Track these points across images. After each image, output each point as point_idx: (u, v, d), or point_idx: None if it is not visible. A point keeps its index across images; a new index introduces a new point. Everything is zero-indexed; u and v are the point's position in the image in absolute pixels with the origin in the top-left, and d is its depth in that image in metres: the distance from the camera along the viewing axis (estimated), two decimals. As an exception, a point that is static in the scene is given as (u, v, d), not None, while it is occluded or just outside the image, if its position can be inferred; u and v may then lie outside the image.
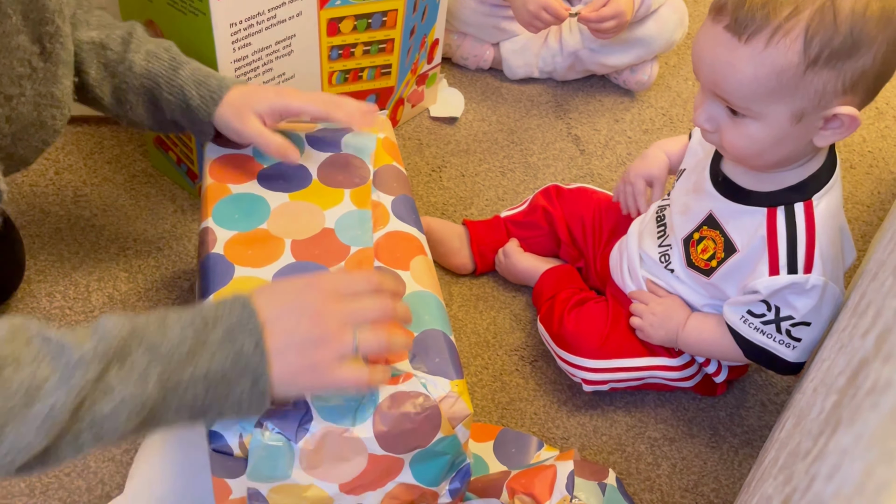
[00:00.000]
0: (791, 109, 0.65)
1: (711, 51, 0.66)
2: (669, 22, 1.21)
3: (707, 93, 0.69)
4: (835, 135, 0.67)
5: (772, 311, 0.74)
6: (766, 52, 0.63)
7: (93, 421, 0.50)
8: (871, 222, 1.13)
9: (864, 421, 0.22)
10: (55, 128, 0.73)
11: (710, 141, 0.73)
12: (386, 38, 1.03)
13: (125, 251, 0.97)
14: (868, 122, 1.29)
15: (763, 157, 0.70)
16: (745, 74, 0.64)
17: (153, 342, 0.52)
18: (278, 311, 0.55)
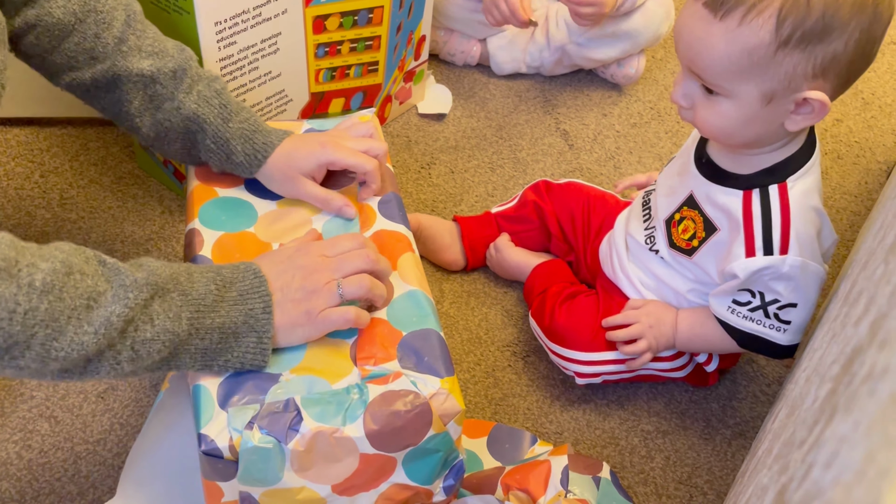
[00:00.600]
0: (761, 90, 0.66)
1: (688, 26, 0.67)
2: (656, 15, 1.21)
3: (684, 69, 0.71)
4: (805, 120, 0.68)
5: (757, 298, 0.75)
6: (739, 30, 0.64)
7: (133, 343, 0.56)
8: (858, 212, 1.14)
9: (862, 408, 0.22)
10: None
11: (685, 117, 0.74)
12: (372, 34, 1.03)
13: (113, 253, 0.96)
14: (854, 112, 1.30)
15: (734, 137, 0.71)
16: (718, 51, 0.65)
17: (185, 289, 0.59)
18: (276, 270, 0.63)
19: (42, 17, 0.69)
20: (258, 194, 0.76)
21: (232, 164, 0.74)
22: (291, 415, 0.60)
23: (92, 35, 0.71)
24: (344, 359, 0.65)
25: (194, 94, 0.73)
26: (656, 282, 0.86)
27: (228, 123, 0.73)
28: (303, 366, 0.64)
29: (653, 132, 1.22)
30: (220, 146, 0.73)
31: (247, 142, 0.74)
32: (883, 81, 1.36)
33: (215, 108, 0.74)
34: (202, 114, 0.73)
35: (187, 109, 0.73)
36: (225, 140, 0.73)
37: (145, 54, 0.73)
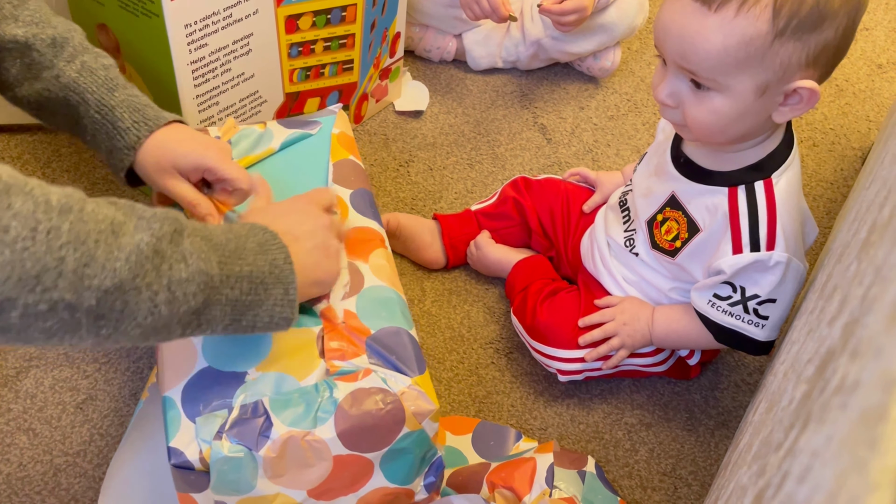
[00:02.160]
0: (756, 81, 0.66)
1: (679, 21, 0.66)
2: (630, 7, 1.21)
3: (671, 66, 0.69)
4: (793, 111, 0.68)
5: (737, 292, 0.75)
6: (736, 21, 0.63)
7: (170, 282, 0.51)
8: (835, 199, 1.15)
9: (834, 421, 0.22)
10: None
11: (671, 118, 0.73)
12: (346, 33, 1.02)
13: (88, 261, 0.95)
14: (828, 99, 1.31)
15: (725, 133, 0.70)
16: (714, 44, 0.64)
17: (205, 234, 0.55)
18: (279, 218, 0.63)
19: None
20: None
21: (118, 134, 0.69)
22: (261, 420, 0.60)
23: None
24: (311, 351, 0.64)
25: (77, 64, 0.70)
26: (638, 278, 0.86)
27: (114, 93, 0.70)
28: (269, 361, 0.63)
29: (630, 124, 1.22)
30: (105, 115, 0.69)
31: (135, 111, 0.70)
32: (856, 68, 1.37)
33: (100, 79, 0.70)
34: (84, 83, 0.69)
35: (67, 78, 0.69)
36: (110, 108, 0.69)
37: (22, 23, 0.69)
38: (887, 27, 1.46)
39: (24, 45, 0.69)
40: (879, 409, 0.18)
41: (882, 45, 1.42)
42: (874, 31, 1.45)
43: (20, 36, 0.69)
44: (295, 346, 0.64)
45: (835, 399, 0.24)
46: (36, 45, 0.69)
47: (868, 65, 1.38)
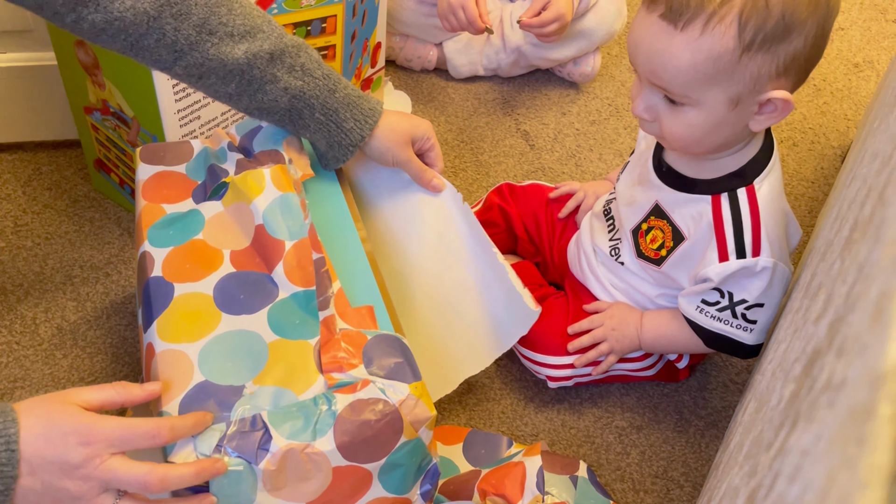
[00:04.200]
0: (728, 94, 0.66)
1: (648, 40, 0.66)
2: (609, 13, 1.22)
3: (644, 82, 0.70)
4: (769, 119, 0.68)
5: (725, 298, 0.75)
6: (703, 39, 0.63)
7: None
8: (816, 197, 1.16)
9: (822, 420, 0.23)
10: None
11: (650, 131, 0.73)
12: (327, 44, 1.02)
13: (72, 279, 0.94)
14: (807, 99, 1.32)
15: (702, 144, 0.71)
16: (683, 61, 0.65)
17: None
18: (42, 451, 0.53)
19: (110, 21, 0.65)
20: (204, 199, 0.75)
21: (342, 133, 0.75)
22: (260, 433, 0.59)
23: (171, 30, 0.66)
24: (308, 365, 0.64)
25: (298, 71, 0.72)
26: (626, 285, 0.86)
27: (335, 94, 0.74)
28: (266, 373, 0.63)
29: (612, 128, 1.23)
30: (329, 116, 0.74)
31: (354, 108, 0.75)
32: (833, 68, 1.39)
33: (320, 81, 0.73)
34: (308, 90, 0.73)
35: (294, 89, 0.72)
36: (334, 110, 0.74)
37: (237, 37, 0.69)
38: (862, 27, 1.48)
39: (247, 64, 0.70)
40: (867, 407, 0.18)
41: (858, 44, 1.44)
42: (849, 30, 1.47)
43: (241, 59, 0.69)
44: (292, 360, 0.64)
45: (823, 397, 0.24)
46: (256, 64, 0.70)
47: (845, 64, 1.40)
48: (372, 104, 0.77)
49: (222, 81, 0.70)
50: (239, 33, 0.69)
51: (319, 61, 0.75)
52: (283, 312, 0.68)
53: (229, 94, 0.72)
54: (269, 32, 0.71)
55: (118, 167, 0.98)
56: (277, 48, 0.71)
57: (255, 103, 0.73)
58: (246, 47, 0.69)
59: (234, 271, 0.70)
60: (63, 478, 0.53)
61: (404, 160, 0.80)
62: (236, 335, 0.66)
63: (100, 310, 0.92)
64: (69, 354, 0.88)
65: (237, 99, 0.72)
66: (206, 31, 0.68)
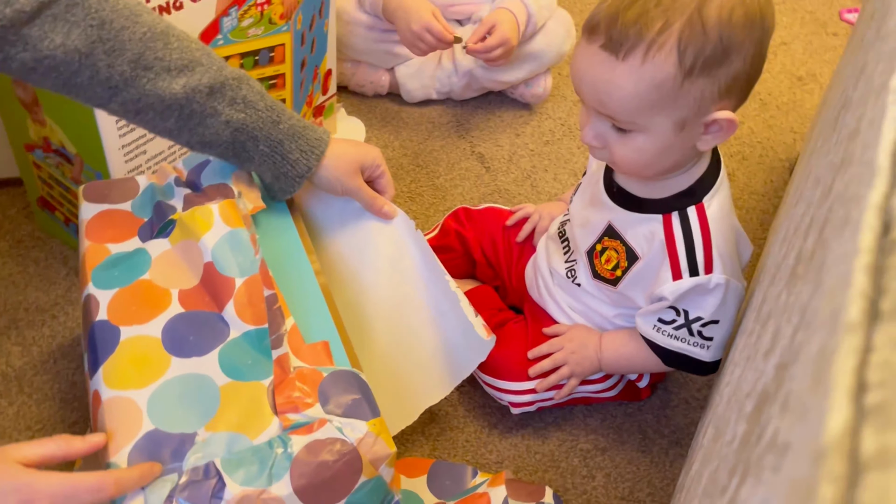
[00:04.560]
0: (673, 119, 0.67)
1: (591, 71, 0.67)
2: (557, 35, 1.23)
3: (591, 111, 0.70)
4: (715, 138, 0.69)
5: (681, 316, 0.76)
6: (644, 68, 0.64)
7: None
8: (766, 210, 1.18)
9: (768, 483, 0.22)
10: None
11: (600, 157, 0.74)
12: (276, 73, 1.00)
13: (16, 323, 0.91)
14: (754, 113, 1.35)
15: (652, 167, 0.71)
16: (627, 91, 0.65)
17: None
18: None
19: (40, 59, 0.62)
20: (151, 237, 0.73)
21: (287, 164, 0.75)
22: (213, 482, 0.57)
23: (105, 67, 0.64)
24: (262, 407, 0.62)
25: (240, 104, 0.71)
26: (583, 307, 0.86)
27: (279, 125, 0.73)
28: (218, 418, 0.61)
29: (566, 148, 1.23)
30: (274, 148, 0.73)
31: (299, 139, 0.74)
32: (778, 82, 1.42)
33: (263, 113, 0.72)
34: (251, 122, 0.72)
35: (236, 122, 0.71)
36: (278, 142, 0.73)
37: (175, 72, 0.67)
38: (804, 41, 1.52)
39: (185, 99, 0.68)
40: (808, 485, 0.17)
41: (800, 58, 1.48)
42: (792, 45, 1.51)
43: (179, 93, 0.67)
44: (246, 403, 0.62)
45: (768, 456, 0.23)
46: (196, 98, 0.68)
47: (789, 78, 1.43)
48: (318, 134, 0.76)
49: (161, 117, 0.69)
50: (176, 67, 0.67)
51: (262, 93, 0.73)
52: (234, 353, 0.66)
53: (169, 129, 0.70)
54: (209, 66, 0.69)
55: (62, 205, 0.95)
56: (217, 81, 0.70)
57: (196, 137, 0.71)
58: (184, 81, 0.68)
59: (182, 311, 0.68)
60: None
61: (354, 189, 0.80)
62: (186, 379, 0.64)
63: (46, 354, 0.89)
64: (15, 402, 0.84)
65: (178, 134, 0.71)
66: (142, 66, 0.66)
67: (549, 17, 1.21)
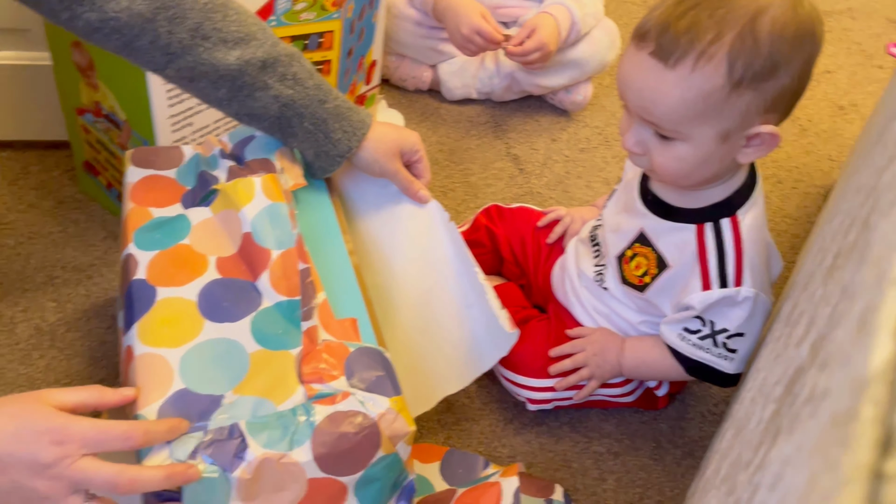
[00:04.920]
0: (717, 130, 0.67)
1: (638, 77, 0.67)
2: (601, 44, 1.24)
3: (635, 117, 0.70)
4: (757, 152, 0.69)
5: (707, 326, 0.76)
6: (693, 77, 0.64)
7: None
8: (798, 234, 1.18)
9: (804, 429, 0.23)
10: None
11: (640, 164, 0.74)
12: (323, 59, 1.02)
13: (53, 280, 0.93)
14: (792, 138, 1.34)
15: (692, 177, 0.72)
16: (673, 99, 0.66)
17: None
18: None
19: (105, 20, 0.65)
20: (193, 205, 0.75)
21: (330, 143, 0.76)
22: (236, 442, 0.59)
23: (165, 33, 0.67)
24: (289, 375, 0.63)
25: (290, 80, 0.73)
26: (609, 311, 0.87)
27: (325, 104, 0.75)
28: (246, 383, 0.62)
29: (601, 157, 1.24)
30: (318, 126, 0.75)
31: (343, 119, 0.76)
32: (819, 109, 1.41)
33: (311, 90, 0.74)
34: (299, 99, 0.73)
35: (284, 97, 0.73)
36: (322, 120, 0.75)
37: (231, 43, 0.69)
38: (849, 71, 1.51)
39: (238, 71, 0.70)
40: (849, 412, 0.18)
41: (844, 87, 1.47)
42: (836, 74, 1.50)
43: (233, 65, 0.70)
44: (273, 370, 0.64)
45: (805, 409, 0.24)
46: (248, 70, 0.71)
47: (830, 106, 1.42)
48: (361, 116, 0.78)
49: (213, 86, 0.71)
50: (233, 39, 0.70)
51: (312, 71, 0.75)
52: (266, 321, 0.67)
53: (219, 98, 0.72)
54: (263, 40, 0.72)
55: (107, 170, 0.97)
56: (270, 56, 0.72)
57: (244, 109, 0.73)
58: (239, 54, 0.70)
59: (218, 277, 0.69)
60: (33, 477, 0.52)
61: (392, 171, 0.81)
62: (218, 343, 0.65)
63: (80, 312, 0.91)
64: (46, 355, 0.87)
65: (227, 104, 0.73)
66: (200, 35, 0.68)
67: (594, 26, 1.22)
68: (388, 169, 0.81)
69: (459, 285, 0.83)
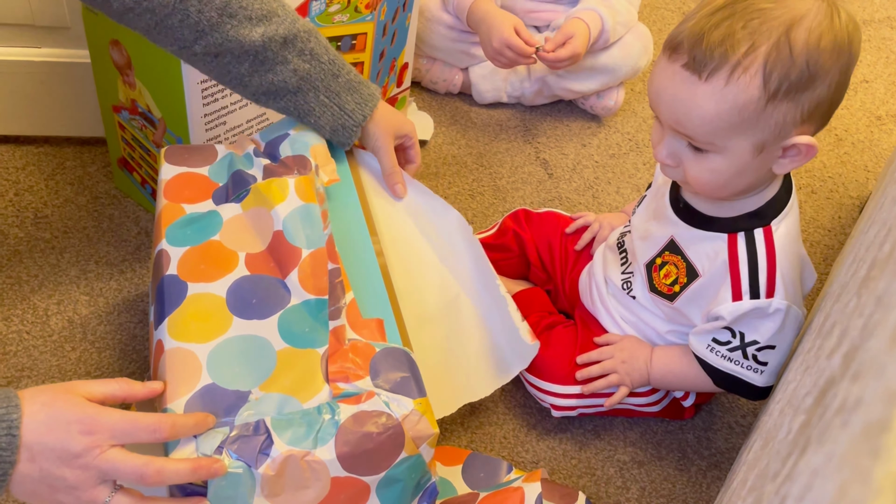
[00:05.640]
0: (752, 142, 0.66)
1: (671, 89, 0.66)
2: (634, 49, 1.23)
3: (667, 129, 0.69)
4: (793, 162, 0.68)
5: (737, 338, 0.75)
6: (727, 89, 0.63)
7: None
8: (832, 246, 1.16)
9: (835, 440, 0.22)
10: None
11: (672, 176, 0.73)
12: (355, 61, 1.03)
13: (86, 274, 0.95)
14: (827, 148, 1.32)
15: (726, 189, 0.71)
16: (707, 111, 0.64)
17: None
18: (47, 436, 0.53)
19: (139, 1, 0.69)
20: (224, 201, 0.76)
21: (345, 115, 0.80)
22: (262, 438, 0.59)
23: (195, 12, 0.71)
24: (315, 374, 0.64)
25: (307, 55, 0.77)
26: (636, 319, 0.86)
27: (338, 78, 0.79)
28: (273, 380, 0.63)
29: (631, 163, 1.23)
30: (332, 99, 0.79)
31: (355, 92, 0.80)
32: (856, 119, 1.39)
33: (325, 65, 0.78)
34: (314, 73, 0.77)
35: (302, 71, 0.76)
36: (336, 93, 0.79)
37: (255, 21, 0.73)
38: (887, 80, 1.49)
39: (262, 46, 0.74)
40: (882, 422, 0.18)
41: (882, 97, 1.44)
42: (874, 83, 1.48)
43: (257, 41, 0.74)
44: (300, 368, 0.64)
45: (836, 420, 0.24)
46: (270, 46, 0.75)
47: (867, 116, 1.40)
48: (371, 89, 0.82)
49: (237, 60, 0.74)
50: (257, 16, 0.73)
51: (328, 47, 0.79)
52: (293, 319, 0.68)
53: (241, 74, 0.75)
54: (284, 17, 0.75)
55: (141, 167, 0.99)
56: (291, 32, 0.75)
57: (264, 85, 0.76)
58: (262, 30, 0.73)
59: (248, 274, 0.70)
60: (62, 466, 0.53)
61: (384, 148, 0.84)
62: (246, 340, 0.66)
63: (112, 306, 0.92)
64: (78, 348, 0.88)
65: (248, 79, 0.76)
66: (227, 13, 0.72)
67: (625, 33, 1.22)
68: (381, 145, 0.83)
69: (480, 296, 0.83)
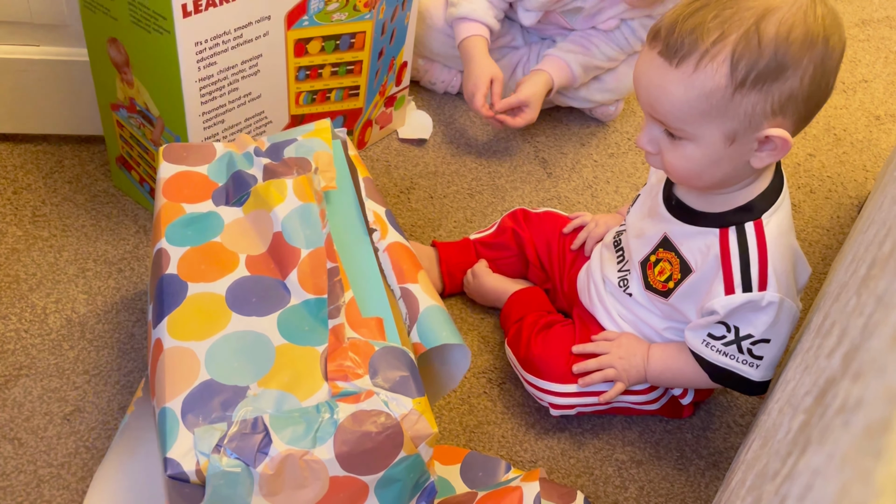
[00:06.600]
0: (722, 131, 0.67)
1: (647, 75, 0.69)
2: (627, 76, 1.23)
3: (647, 116, 0.72)
4: (770, 156, 0.69)
5: (731, 332, 0.75)
6: (695, 76, 0.65)
7: None
8: (831, 245, 1.16)
9: (836, 440, 0.22)
10: None
11: (653, 163, 0.75)
12: (354, 59, 1.03)
13: (84, 272, 0.95)
14: (826, 147, 1.32)
15: (703, 178, 0.72)
16: (677, 98, 0.66)
17: None
18: None
19: None
20: (226, 203, 0.76)
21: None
22: (260, 436, 0.59)
23: None
24: (314, 371, 0.64)
25: None
26: (633, 317, 0.86)
27: None
28: (271, 376, 0.63)
29: (630, 162, 1.23)
30: None
31: None
32: (854, 118, 1.39)
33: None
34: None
35: None
36: None
37: None
38: (886, 80, 1.49)
39: None
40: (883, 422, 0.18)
41: (881, 97, 1.44)
42: (873, 83, 1.48)
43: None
44: (299, 365, 0.64)
45: (837, 419, 0.24)
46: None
47: (866, 116, 1.40)
48: None
49: None
50: None
51: None
52: (293, 318, 0.68)
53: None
54: None
55: (139, 165, 0.99)
56: None
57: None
58: None
59: (248, 275, 0.70)
60: None
61: None
62: (245, 335, 0.66)
63: (110, 304, 0.92)
64: (76, 346, 0.88)
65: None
66: None
67: (607, 69, 1.21)
68: None
69: None
